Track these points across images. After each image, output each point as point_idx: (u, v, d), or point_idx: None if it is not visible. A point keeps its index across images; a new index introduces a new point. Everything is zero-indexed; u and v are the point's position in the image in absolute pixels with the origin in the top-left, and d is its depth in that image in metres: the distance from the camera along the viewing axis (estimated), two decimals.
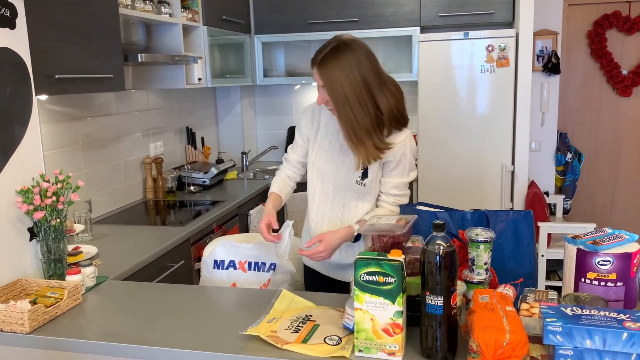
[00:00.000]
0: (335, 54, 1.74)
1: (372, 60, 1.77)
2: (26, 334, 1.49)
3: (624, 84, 4.31)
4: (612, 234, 1.43)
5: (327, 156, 1.95)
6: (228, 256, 2.04)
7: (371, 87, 1.75)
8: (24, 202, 1.72)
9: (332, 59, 1.74)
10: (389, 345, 1.27)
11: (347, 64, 1.72)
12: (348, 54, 1.73)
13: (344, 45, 1.75)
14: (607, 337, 1.13)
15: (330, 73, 1.74)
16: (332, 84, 1.74)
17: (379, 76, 1.78)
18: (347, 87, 1.72)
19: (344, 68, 1.72)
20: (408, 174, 1.93)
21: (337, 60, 1.73)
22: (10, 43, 1.72)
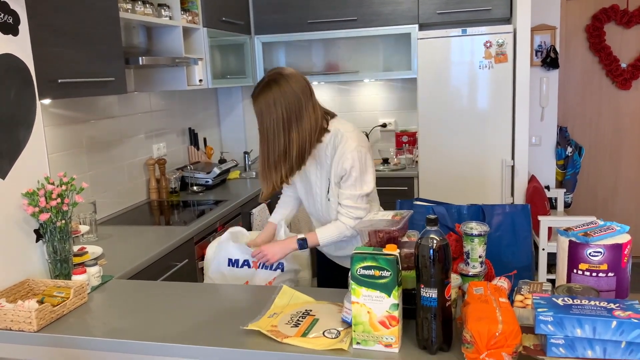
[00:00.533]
0: (263, 90, 1.86)
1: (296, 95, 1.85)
2: (34, 333, 1.53)
3: (623, 77, 4.32)
4: (603, 225, 1.46)
5: (301, 181, 2.10)
6: (243, 255, 2.11)
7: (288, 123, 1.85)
8: (30, 205, 1.76)
9: (260, 94, 1.87)
10: (386, 338, 1.30)
11: (271, 100, 1.84)
12: (275, 90, 1.84)
13: (274, 81, 1.86)
14: (597, 325, 1.16)
15: (257, 108, 1.88)
16: (259, 118, 1.88)
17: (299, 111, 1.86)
18: (267, 123, 1.86)
19: (269, 104, 1.84)
20: (361, 186, 1.94)
21: (263, 96, 1.85)
22: (14, 49, 1.76)
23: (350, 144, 1.91)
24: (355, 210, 1.95)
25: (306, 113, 1.86)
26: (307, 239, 1.99)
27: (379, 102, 4.39)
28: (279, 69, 1.91)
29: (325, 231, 1.98)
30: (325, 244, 1.99)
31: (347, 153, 1.90)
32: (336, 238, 1.98)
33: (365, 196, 1.95)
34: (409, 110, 4.32)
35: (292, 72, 1.90)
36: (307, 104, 1.87)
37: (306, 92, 1.88)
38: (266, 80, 1.87)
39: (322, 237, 1.98)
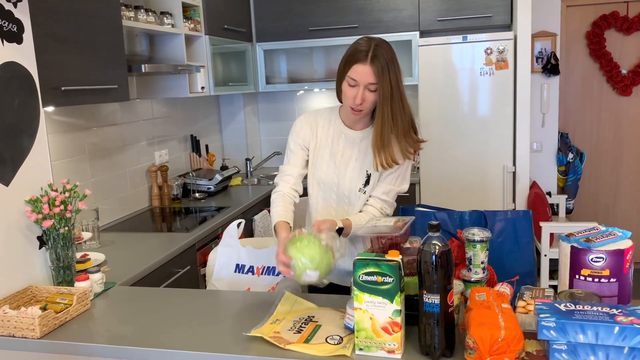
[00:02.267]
0: (383, 49, 1.74)
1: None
2: (37, 339, 1.53)
3: (624, 84, 4.33)
4: (605, 231, 1.46)
5: (327, 166, 1.94)
6: (250, 261, 2.09)
7: (404, 88, 1.78)
8: (33, 211, 1.77)
9: (382, 54, 1.72)
10: (389, 344, 1.30)
11: (393, 61, 1.74)
12: (390, 51, 1.75)
13: (383, 42, 1.76)
14: (600, 331, 1.16)
15: (381, 68, 1.72)
16: (383, 78, 1.72)
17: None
18: (394, 84, 1.73)
19: (393, 65, 1.73)
20: (401, 183, 1.91)
21: (386, 55, 1.73)
22: (18, 57, 1.78)
23: None
24: (389, 206, 1.91)
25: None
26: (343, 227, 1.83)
27: None
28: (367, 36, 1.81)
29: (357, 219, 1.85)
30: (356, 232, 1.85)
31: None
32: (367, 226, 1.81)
33: (397, 194, 1.92)
34: None
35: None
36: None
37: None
38: (376, 41, 1.75)
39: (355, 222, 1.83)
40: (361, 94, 1.76)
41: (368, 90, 1.75)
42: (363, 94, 1.76)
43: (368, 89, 1.75)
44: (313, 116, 1.98)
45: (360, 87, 1.76)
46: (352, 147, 1.92)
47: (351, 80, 1.76)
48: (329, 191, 1.96)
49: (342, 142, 1.92)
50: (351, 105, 1.80)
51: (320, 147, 1.96)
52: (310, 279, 1.49)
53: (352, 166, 1.91)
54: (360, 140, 1.91)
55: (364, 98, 1.77)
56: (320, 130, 1.96)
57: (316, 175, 1.97)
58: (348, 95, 1.79)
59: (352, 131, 1.93)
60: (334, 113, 1.97)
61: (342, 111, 1.95)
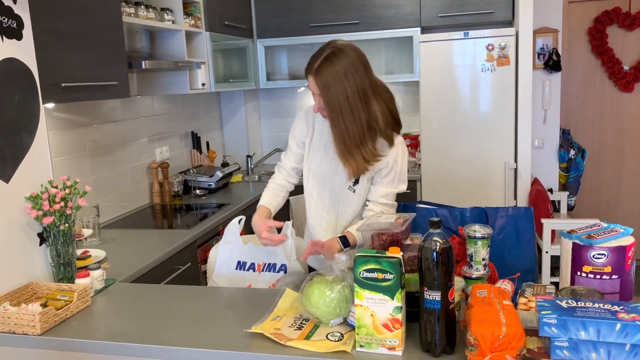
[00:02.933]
0: (331, 61, 1.71)
1: (366, 65, 1.75)
2: (37, 336, 1.53)
3: (626, 80, 4.32)
4: (607, 227, 1.45)
5: (322, 160, 1.95)
6: (251, 258, 2.09)
7: (366, 94, 1.72)
8: (33, 208, 1.77)
9: (327, 66, 1.70)
10: (389, 340, 1.30)
11: (342, 71, 1.69)
12: (343, 60, 1.70)
13: (339, 51, 1.72)
14: (601, 328, 1.16)
15: (326, 81, 1.71)
16: (327, 92, 1.72)
17: (373, 82, 1.76)
18: (342, 96, 1.70)
19: (340, 76, 1.69)
20: (398, 184, 1.89)
21: (332, 68, 1.70)
22: (18, 53, 1.77)
23: (397, 135, 1.84)
24: (390, 208, 1.88)
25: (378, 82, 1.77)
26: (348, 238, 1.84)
27: None
28: (335, 41, 1.77)
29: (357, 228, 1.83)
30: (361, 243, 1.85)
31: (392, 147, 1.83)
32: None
33: (396, 194, 1.89)
34: (411, 113, 4.32)
35: (349, 43, 1.77)
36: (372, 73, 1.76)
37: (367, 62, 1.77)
38: (328, 52, 1.71)
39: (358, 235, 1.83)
40: (317, 102, 1.79)
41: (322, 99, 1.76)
42: (318, 102, 1.79)
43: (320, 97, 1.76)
44: (312, 111, 1.98)
45: (316, 95, 1.78)
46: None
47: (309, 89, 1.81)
48: (323, 186, 1.97)
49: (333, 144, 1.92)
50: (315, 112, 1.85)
51: (316, 141, 1.97)
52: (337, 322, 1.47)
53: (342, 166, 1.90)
54: None
55: (321, 106, 1.78)
56: (317, 125, 1.96)
57: (312, 170, 1.98)
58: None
59: None
60: None
61: None
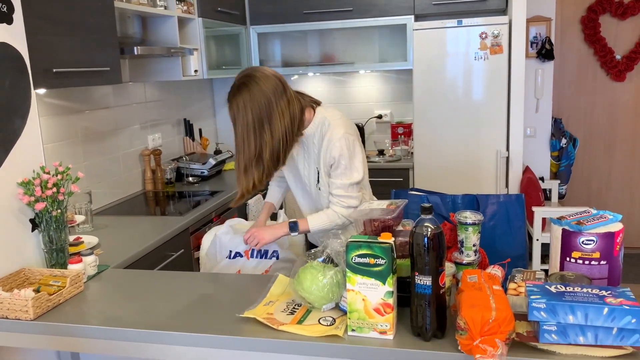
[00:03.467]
0: (235, 93, 1.84)
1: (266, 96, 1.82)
2: (30, 321, 1.54)
3: (618, 69, 4.34)
4: (596, 214, 1.47)
5: (288, 163, 2.04)
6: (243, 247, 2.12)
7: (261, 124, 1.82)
8: (25, 194, 1.76)
9: (233, 98, 1.84)
10: (381, 325, 1.32)
11: (241, 104, 1.82)
12: (244, 93, 1.82)
13: (243, 84, 1.83)
14: (589, 312, 1.18)
15: (231, 113, 1.87)
16: (233, 122, 1.88)
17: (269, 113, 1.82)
18: (239, 128, 1.85)
19: (239, 108, 1.82)
20: (351, 174, 1.93)
21: (234, 101, 1.83)
22: (8, 38, 1.76)
23: (338, 131, 1.89)
24: (347, 199, 1.93)
25: (278, 113, 1.83)
26: (298, 224, 1.99)
27: (374, 93, 4.39)
28: (249, 70, 1.87)
29: (316, 218, 1.97)
30: (316, 230, 1.97)
31: (334, 141, 1.89)
32: (327, 226, 1.95)
33: (356, 184, 1.94)
34: (404, 101, 4.32)
35: (263, 71, 1.85)
36: (278, 103, 1.83)
37: (278, 90, 1.84)
38: (236, 85, 1.85)
39: (312, 223, 1.96)
40: None
41: None
42: None
43: None
44: None
45: None
46: (302, 146, 2.00)
47: None
48: (297, 193, 2.14)
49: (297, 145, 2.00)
50: None
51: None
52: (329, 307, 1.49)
53: (302, 164, 2.02)
54: (305, 139, 1.98)
55: None
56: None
57: (285, 171, 2.12)
58: None
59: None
60: None
61: None
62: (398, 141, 4.24)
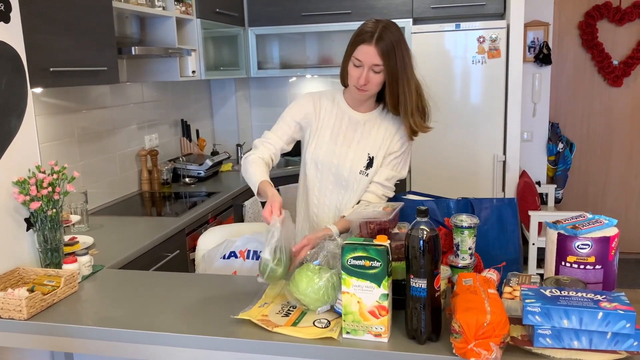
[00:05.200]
0: (390, 31, 1.75)
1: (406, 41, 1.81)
2: (24, 320, 1.53)
3: (615, 75, 4.35)
4: (592, 218, 1.47)
5: (327, 148, 1.92)
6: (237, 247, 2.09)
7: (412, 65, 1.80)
8: (21, 193, 1.75)
9: (387, 35, 1.74)
10: (376, 327, 1.31)
11: (400, 43, 1.76)
12: (398, 33, 1.77)
13: (391, 24, 1.78)
14: (584, 316, 1.18)
15: (387, 49, 1.74)
16: (388, 60, 1.75)
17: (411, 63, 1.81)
18: (400, 65, 1.76)
19: (400, 47, 1.75)
20: (402, 169, 1.94)
21: (392, 37, 1.74)
22: (5, 37, 1.75)
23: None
24: (389, 191, 1.93)
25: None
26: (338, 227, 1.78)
27: None
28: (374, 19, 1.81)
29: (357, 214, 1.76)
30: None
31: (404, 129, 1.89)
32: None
33: (397, 181, 1.94)
34: None
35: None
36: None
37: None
38: (383, 23, 1.77)
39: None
40: (365, 74, 1.78)
41: (373, 72, 1.78)
42: (367, 75, 1.79)
43: (373, 70, 1.77)
44: (318, 96, 1.99)
45: (365, 67, 1.78)
46: (355, 129, 1.93)
47: (356, 61, 1.79)
48: (327, 173, 1.94)
49: (345, 123, 1.93)
50: (355, 85, 1.82)
51: (322, 127, 1.95)
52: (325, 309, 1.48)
53: (354, 148, 1.92)
54: (364, 123, 1.93)
55: (368, 79, 1.79)
56: (323, 112, 1.96)
57: (315, 156, 1.94)
58: (353, 76, 1.82)
59: (356, 113, 1.94)
60: (338, 94, 1.99)
61: (347, 93, 1.97)
62: None
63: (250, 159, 1.88)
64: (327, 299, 1.43)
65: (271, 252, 1.50)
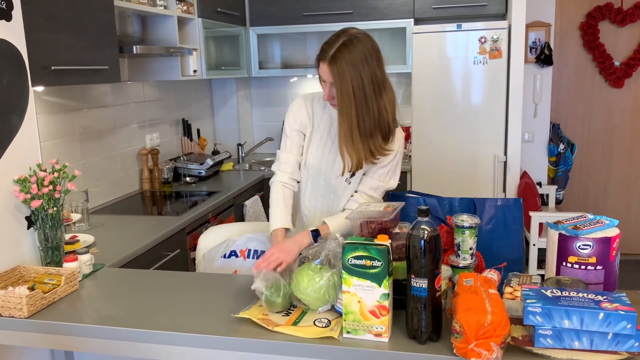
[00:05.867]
0: (348, 48, 1.66)
1: (380, 56, 1.71)
2: (24, 319, 1.53)
3: (616, 76, 4.35)
4: (593, 219, 1.47)
5: (317, 152, 1.92)
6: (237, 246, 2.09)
7: (378, 84, 1.69)
8: (22, 191, 1.75)
9: (343, 54, 1.66)
10: (376, 327, 1.31)
11: (358, 59, 1.65)
12: (359, 49, 1.66)
13: (355, 39, 1.68)
14: (585, 317, 1.18)
15: (342, 69, 1.65)
16: (341, 81, 1.66)
17: (385, 74, 1.72)
18: (356, 85, 1.65)
19: (356, 65, 1.65)
20: (389, 179, 1.87)
21: (349, 55, 1.65)
22: (7, 35, 1.75)
23: (399, 131, 1.81)
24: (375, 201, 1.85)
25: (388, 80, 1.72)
26: (320, 231, 1.77)
27: None
28: (350, 29, 1.72)
29: (338, 222, 1.81)
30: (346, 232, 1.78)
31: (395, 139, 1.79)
32: (348, 230, 1.75)
33: (385, 191, 1.87)
34: (403, 104, 4.32)
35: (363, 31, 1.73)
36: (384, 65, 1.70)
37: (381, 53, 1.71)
38: (345, 39, 1.67)
39: (334, 228, 1.78)
40: (327, 90, 1.75)
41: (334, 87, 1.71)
42: (329, 91, 1.75)
43: (333, 86, 1.72)
44: (310, 99, 1.95)
45: (327, 83, 1.74)
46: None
47: (320, 77, 1.77)
48: (318, 177, 1.94)
49: (333, 130, 1.88)
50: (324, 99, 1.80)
51: (314, 132, 1.93)
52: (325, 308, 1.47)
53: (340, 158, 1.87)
54: None
55: (332, 95, 1.74)
56: (315, 117, 1.93)
57: (307, 161, 1.94)
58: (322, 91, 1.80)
59: None
60: None
61: None
62: None
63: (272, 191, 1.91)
64: (328, 299, 1.43)
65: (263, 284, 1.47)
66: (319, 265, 1.48)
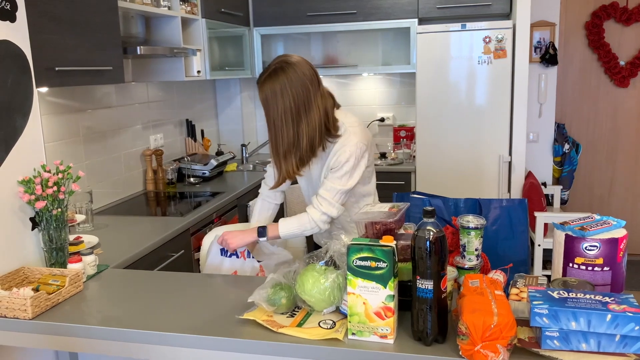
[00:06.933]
0: (271, 77, 1.81)
1: (305, 83, 1.81)
2: (29, 320, 1.53)
3: (622, 75, 4.33)
4: (600, 220, 1.46)
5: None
6: None
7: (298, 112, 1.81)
8: (26, 192, 1.75)
9: (267, 83, 1.81)
10: (381, 329, 1.30)
11: (278, 90, 1.79)
12: (281, 79, 1.79)
13: (280, 69, 1.81)
14: (592, 319, 1.17)
15: (264, 97, 1.83)
16: (265, 106, 1.84)
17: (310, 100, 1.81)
18: (273, 112, 1.81)
19: (275, 94, 1.80)
20: (346, 182, 1.90)
21: (271, 85, 1.80)
22: (11, 36, 1.75)
23: (352, 139, 1.87)
24: (329, 206, 1.89)
25: (315, 103, 1.81)
26: (268, 229, 1.94)
27: (377, 96, 4.38)
28: (286, 57, 1.84)
29: (287, 223, 1.93)
30: (286, 236, 1.94)
31: (346, 147, 1.86)
32: (297, 231, 1.92)
33: (344, 193, 1.90)
34: (407, 104, 4.32)
35: (299, 59, 1.84)
36: (315, 93, 1.82)
37: (314, 81, 1.83)
38: (273, 68, 1.82)
39: (283, 229, 1.92)
40: None
41: None
42: None
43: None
44: None
45: None
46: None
47: None
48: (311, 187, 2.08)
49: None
50: None
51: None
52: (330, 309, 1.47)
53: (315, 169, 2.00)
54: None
55: None
56: None
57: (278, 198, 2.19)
58: None
59: None
60: None
61: None
62: (400, 144, 4.24)
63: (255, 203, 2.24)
64: (333, 300, 1.42)
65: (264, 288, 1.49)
66: (323, 266, 1.47)
